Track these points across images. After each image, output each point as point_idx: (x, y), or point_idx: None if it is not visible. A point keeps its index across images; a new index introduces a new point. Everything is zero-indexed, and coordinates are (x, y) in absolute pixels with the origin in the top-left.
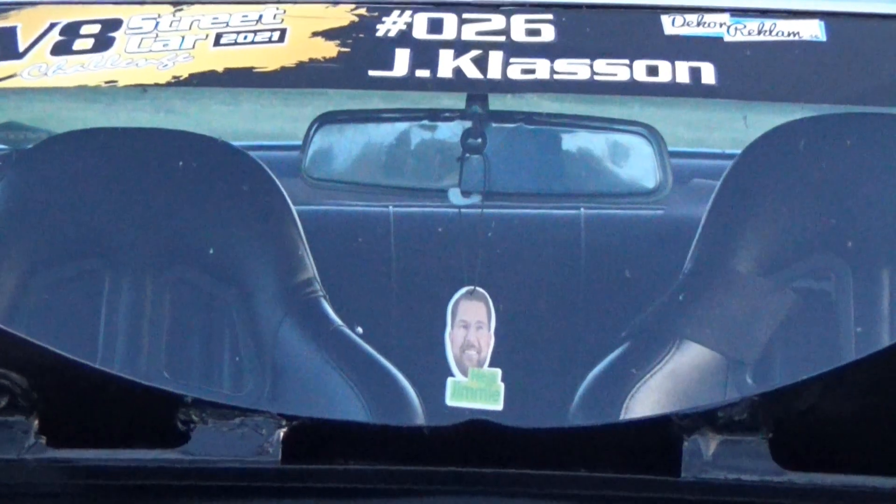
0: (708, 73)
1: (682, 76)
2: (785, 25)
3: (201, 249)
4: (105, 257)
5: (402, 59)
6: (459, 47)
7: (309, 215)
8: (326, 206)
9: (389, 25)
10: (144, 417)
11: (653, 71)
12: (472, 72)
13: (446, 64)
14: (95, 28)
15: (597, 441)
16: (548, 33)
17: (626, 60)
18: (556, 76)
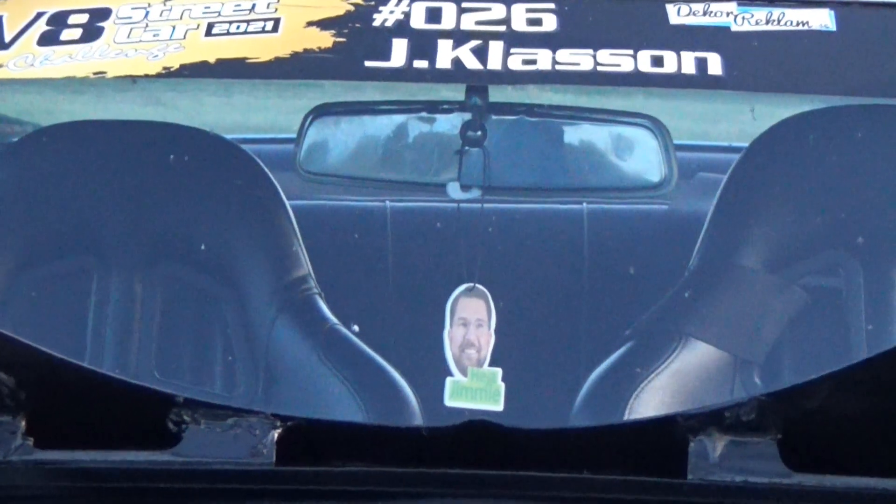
0: (714, 63)
1: (688, 67)
2: (794, 14)
3: (192, 246)
4: (94, 253)
5: (399, 49)
6: (459, 37)
7: (303, 210)
8: (321, 200)
9: (386, 14)
10: (135, 418)
11: (658, 61)
12: (472, 62)
13: (445, 54)
14: (84, 18)
15: (600, 442)
16: (549, 23)
17: (630, 51)
18: (558, 67)
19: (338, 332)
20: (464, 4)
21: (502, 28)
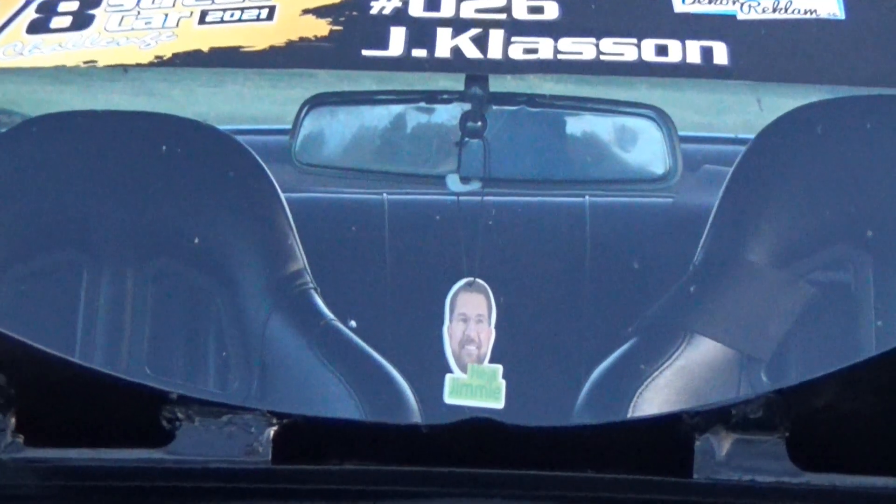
0: (720, 52)
1: (693, 56)
2: (801, 2)
3: (185, 239)
4: (84, 247)
5: (397, 37)
6: (458, 25)
7: (299, 203)
8: (317, 193)
9: (384, 2)
10: (127, 415)
11: (662, 50)
12: (472, 51)
13: (444, 43)
14: (74, 5)
15: (603, 441)
16: (551, 11)
17: (633, 39)
18: (559, 56)
19: (334, 328)
20: None
21: (503, 16)
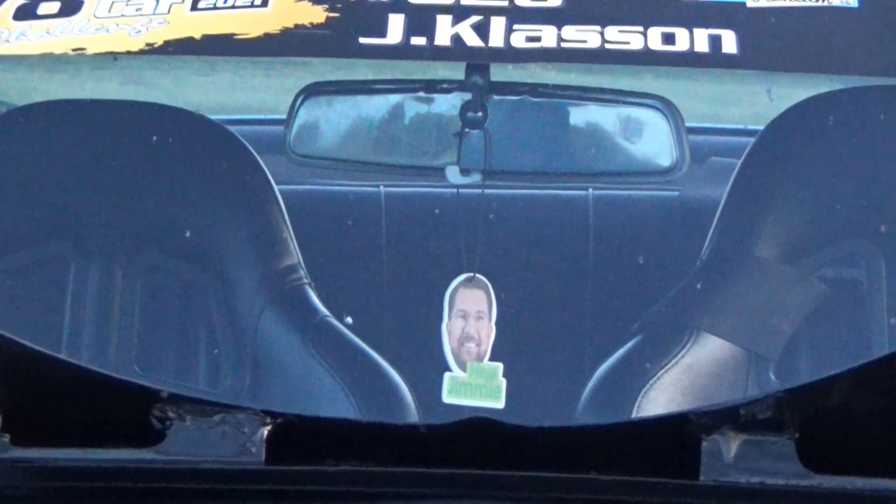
0: (729, 41)
1: (701, 45)
2: None
3: (176, 233)
4: (72, 241)
5: (395, 25)
6: (458, 12)
7: (293, 195)
8: (312, 185)
9: None
10: (117, 414)
11: (669, 39)
12: (473, 39)
13: (444, 31)
14: None
15: (606, 441)
16: None
17: (639, 27)
18: (563, 44)
19: (329, 325)
20: None
21: (504, 3)
